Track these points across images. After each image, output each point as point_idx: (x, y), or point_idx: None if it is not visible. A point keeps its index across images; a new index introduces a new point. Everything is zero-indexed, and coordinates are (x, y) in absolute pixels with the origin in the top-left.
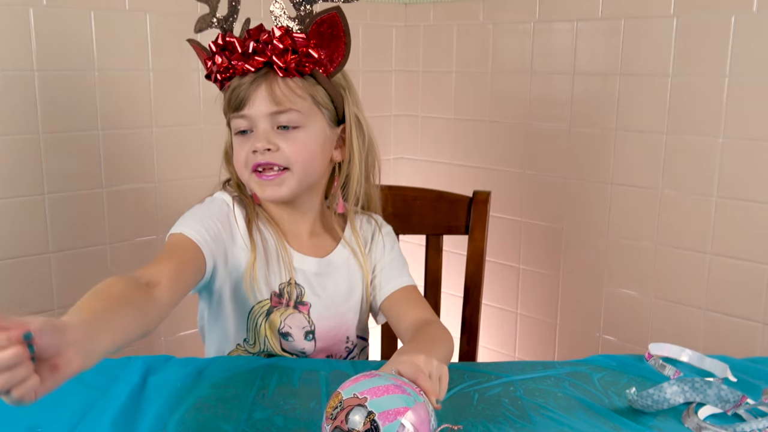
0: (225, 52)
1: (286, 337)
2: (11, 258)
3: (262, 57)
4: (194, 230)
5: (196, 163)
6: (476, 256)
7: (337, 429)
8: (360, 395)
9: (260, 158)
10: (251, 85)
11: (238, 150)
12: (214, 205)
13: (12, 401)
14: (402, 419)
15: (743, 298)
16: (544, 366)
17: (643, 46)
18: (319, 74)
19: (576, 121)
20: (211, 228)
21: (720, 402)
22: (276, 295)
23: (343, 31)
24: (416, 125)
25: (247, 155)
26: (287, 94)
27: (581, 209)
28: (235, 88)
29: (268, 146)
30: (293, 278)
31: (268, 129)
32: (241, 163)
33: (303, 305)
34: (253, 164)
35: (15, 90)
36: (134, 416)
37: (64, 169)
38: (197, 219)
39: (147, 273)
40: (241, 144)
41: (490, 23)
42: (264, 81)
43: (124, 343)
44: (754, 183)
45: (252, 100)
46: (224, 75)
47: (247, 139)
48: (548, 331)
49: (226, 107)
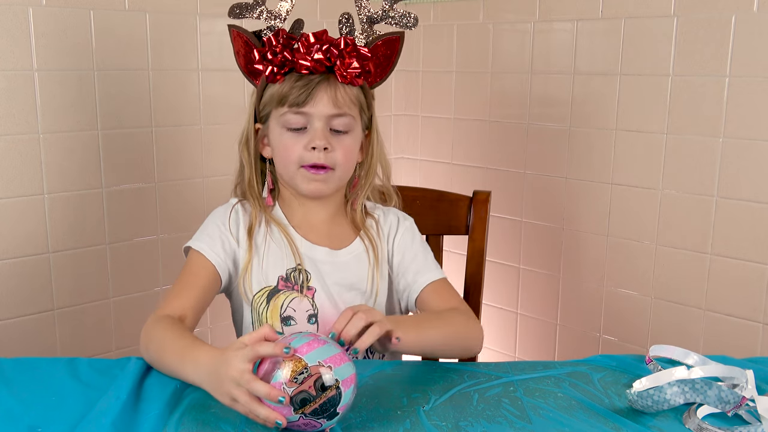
0: (287, 50)
1: (288, 322)
2: (11, 258)
3: (327, 62)
4: (210, 248)
5: (196, 163)
6: (476, 256)
7: (303, 392)
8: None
9: (318, 158)
10: (318, 85)
11: (290, 145)
12: (223, 213)
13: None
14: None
15: (743, 298)
16: (544, 366)
17: (643, 46)
18: (365, 83)
19: (576, 121)
20: (225, 240)
21: (720, 403)
22: (283, 279)
23: (397, 54)
24: (416, 125)
25: (302, 152)
26: (346, 100)
27: (581, 209)
28: (300, 84)
29: (327, 146)
30: (301, 264)
31: (325, 129)
32: (295, 158)
33: (308, 290)
34: (310, 163)
35: (15, 90)
36: (134, 416)
37: (64, 169)
38: (214, 235)
39: (176, 308)
40: (295, 140)
41: (490, 23)
42: (326, 83)
43: None
44: (754, 183)
45: (316, 99)
46: (283, 70)
47: (301, 135)
48: (548, 331)
49: (275, 100)
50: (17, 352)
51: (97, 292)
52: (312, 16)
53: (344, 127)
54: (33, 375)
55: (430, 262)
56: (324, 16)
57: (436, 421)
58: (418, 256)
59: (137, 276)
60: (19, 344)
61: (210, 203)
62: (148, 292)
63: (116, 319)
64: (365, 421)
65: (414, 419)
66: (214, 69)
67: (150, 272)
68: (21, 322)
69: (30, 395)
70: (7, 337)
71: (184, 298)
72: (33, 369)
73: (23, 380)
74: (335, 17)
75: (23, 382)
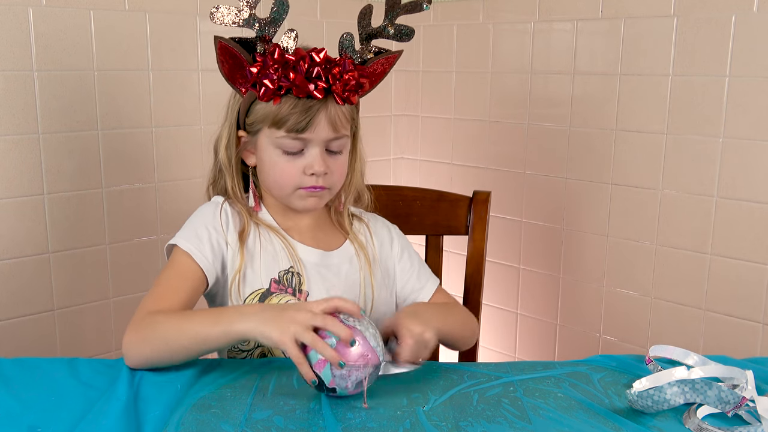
0: (284, 70)
1: None
2: (11, 258)
3: (325, 84)
4: (200, 250)
5: (196, 163)
6: (476, 256)
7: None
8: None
9: (314, 182)
10: (318, 111)
11: (286, 168)
12: (212, 213)
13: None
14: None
15: (743, 298)
16: (544, 366)
17: (643, 46)
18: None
19: (576, 121)
20: (213, 242)
21: (720, 403)
22: (275, 282)
23: (391, 67)
24: (416, 125)
25: (299, 177)
26: (342, 121)
27: (581, 209)
28: (299, 111)
29: (326, 171)
30: (294, 266)
31: (322, 153)
32: (292, 183)
33: (300, 293)
34: (308, 186)
35: (15, 90)
36: (134, 416)
37: (64, 169)
38: (202, 236)
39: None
40: (292, 163)
41: (490, 23)
42: (325, 108)
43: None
44: (754, 183)
45: (315, 125)
46: (280, 92)
47: (297, 159)
48: (548, 331)
49: (269, 121)
50: (17, 352)
51: (97, 292)
52: (312, 17)
53: (339, 147)
54: (33, 375)
55: (424, 272)
56: (324, 16)
57: (436, 421)
58: (413, 268)
59: (137, 276)
60: (19, 344)
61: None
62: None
63: (116, 319)
64: (365, 421)
65: (414, 419)
66: (214, 69)
67: (150, 272)
68: (21, 322)
69: (30, 395)
70: (7, 337)
71: (171, 301)
72: (33, 369)
73: (23, 380)
74: (335, 17)
75: (23, 382)
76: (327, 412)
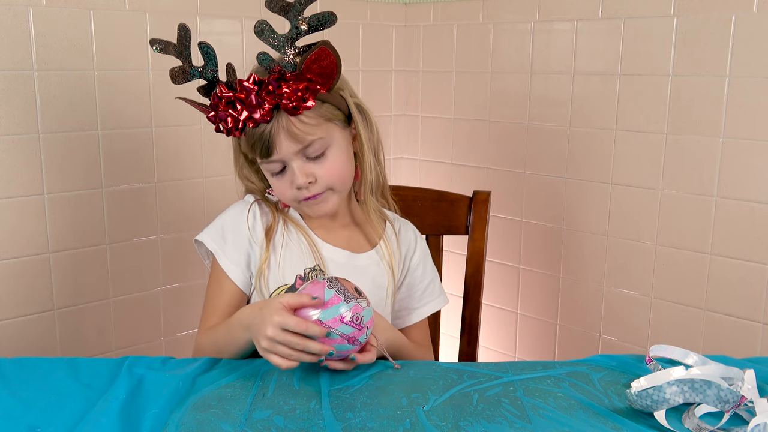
0: (231, 106)
1: None
2: (11, 258)
3: (269, 104)
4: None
5: (196, 163)
6: (476, 256)
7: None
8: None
9: (306, 193)
10: (271, 133)
11: (280, 186)
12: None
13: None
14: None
15: (743, 298)
16: (544, 366)
17: (643, 46)
18: (320, 93)
19: (576, 121)
20: (243, 249)
21: (719, 402)
22: (301, 278)
23: (334, 58)
24: (416, 125)
25: (294, 193)
26: (304, 129)
27: (581, 209)
28: (256, 140)
29: (309, 180)
30: (320, 264)
31: (301, 163)
32: (289, 199)
33: None
34: (303, 198)
35: (15, 90)
36: (134, 416)
37: (64, 169)
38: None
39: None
40: (282, 181)
41: (490, 23)
42: (278, 124)
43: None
44: (754, 183)
45: (277, 145)
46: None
47: (285, 176)
48: (548, 331)
49: (249, 153)
50: (17, 352)
51: (97, 292)
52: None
53: (317, 151)
54: (33, 375)
55: (426, 294)
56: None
57: (436, 421)
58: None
59: (137, 276)
60: (19, 344)
61: (210, 203)
62: (148, 292)
63: (116, 319)
64: (365, 421)
65: (414, 419)
66: None
67: (150, 272)
68: (21, 322)
69: (30, 395)
70: (7, 337)
71: (219, 317)
72: (33, 369)
73: (23, 380)
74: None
75: (23, 382)
76: (327, 412)
